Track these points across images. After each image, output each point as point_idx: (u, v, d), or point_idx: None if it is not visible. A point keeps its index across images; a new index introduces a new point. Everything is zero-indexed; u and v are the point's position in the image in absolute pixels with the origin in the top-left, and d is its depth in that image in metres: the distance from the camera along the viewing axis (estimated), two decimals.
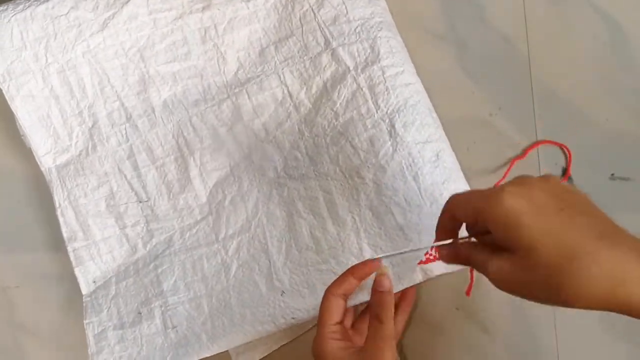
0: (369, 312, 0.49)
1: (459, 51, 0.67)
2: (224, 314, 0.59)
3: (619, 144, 0.65)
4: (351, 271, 0.50)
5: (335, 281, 0.50)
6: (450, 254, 0.47)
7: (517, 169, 0.64)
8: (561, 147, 0.65)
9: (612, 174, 0.64)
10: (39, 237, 0.69)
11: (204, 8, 0.65)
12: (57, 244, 0.68)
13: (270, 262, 0.59)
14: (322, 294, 0.55)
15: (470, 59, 0.67)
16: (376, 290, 0.49)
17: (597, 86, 0.66)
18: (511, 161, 0.65)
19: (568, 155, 0.64)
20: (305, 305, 0.56)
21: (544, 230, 0.37)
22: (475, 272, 0.61)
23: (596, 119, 0.65)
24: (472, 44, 0.68)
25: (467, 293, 0.61)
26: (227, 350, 0.61)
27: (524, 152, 0.65)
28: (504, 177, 0.64)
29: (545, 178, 0.40)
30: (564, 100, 0.66)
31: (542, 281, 0.37)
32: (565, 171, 0.64)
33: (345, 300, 0.50)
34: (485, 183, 0.63)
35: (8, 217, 0.70)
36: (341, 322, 0.50)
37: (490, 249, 0.41)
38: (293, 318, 0.56)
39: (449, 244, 0.45)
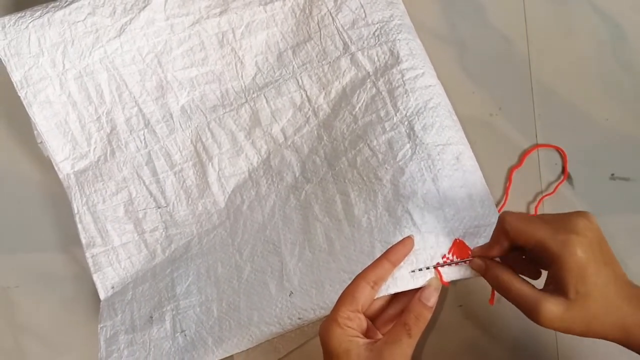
0: (400, 317, 0.45)
1: (459, 51, 0.68)
2: (232, 317, 0.58)
3: (619, 144, 0.65)
4: (386, 255, 0.47)
5: (367, 267, 0.46)
6: (481, 267, 0.48)
7: (519, 172, 0.65)
8: (556, 149, 0.65)
9: (612, 174, 0.64)
10: (39, 237, 0.69)
11: (221, 12, 0.64)
12: (57, 244, 0.68)
13: (282, 264, 0.58)
14: (330, 293, 0.54)
15: (470, 59, 0.68)
16: (419, 300, 0.45)
17: (597, 86, 0.66)
18: (510, 170, 0.65)
19: (564, 156, 0.64)
20: (312, 305, 0.54)
21: (599, 283, 0.43)
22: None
23: (596, 119, 0.65)
24: (472, 44, 0.68)
25: (491, 302, 0.60)
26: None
27: (520, 160, 0.65)
28: (508, 187, 0.65)
29: (589, 221, 0.44)
30: (564, 100, 0.66)
31: (585, 322, 0.43)
32: (563, 171, 0.65)
33: (376, 290, 0.46)
34: (486, 183, 0.63)
35: (9, 217, 0.70)
36: (363, 312, 0.46)
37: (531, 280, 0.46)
38: (299, 318, 0.54)
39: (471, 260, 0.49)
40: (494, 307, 0.62)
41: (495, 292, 0.50)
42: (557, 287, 0.43)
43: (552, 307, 0.43)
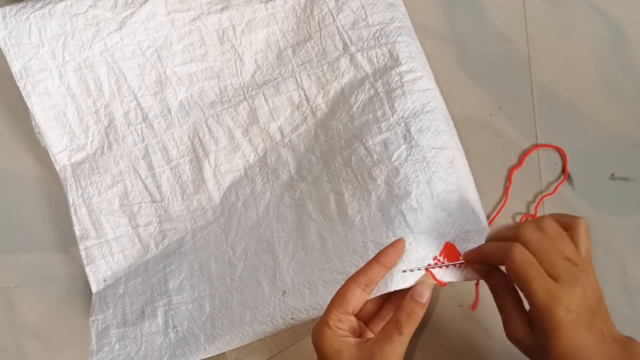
0: (393, 315, 0.45)
1: (459, 51, 0.68)
2: (224, 314, 0.58)
3: (619, 144, 0.65)
4: (377, 258, 0.47)
5: (359, 269, 0.46)
6: (483, 272, 0.49)
7: (519, 172, 0.65)
8: (556, 149, 0.65)
9: (612, 174, 0.64)
10: (39, 237, 0.69)
11: (222, 9, 0.65)
12: (57, 244, 0.68)
13: (275, 262, 0.58)
14: (324, 294, 0.54)
15: (470, 59, 0.68)
16: (411, 296, 0.45)
17: (597, 86, 0.66)
18: (510, 170, 0.65)
19: (564, 156, 0.64)
20: (305, 306, 0.54)
21: (573, 346, 0.43)
22: (479, 287, 0.61)
23: (596, 119, 0.66)
24: (472, 44, 0.68)
25: (473, 308, 0.61)
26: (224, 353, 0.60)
27: (520, 160, 0.65)
28: (508, 187, 0.65)
29: (592, 278, 0.45)
30: (563, 100, 0.66)
31: None
32: (563, 171, 0.65)
33: (368, 292, 0.46)
34: (486, 183, 0.63)
35: (8, 217, 0.69)
36: (355, 314, 0.46)
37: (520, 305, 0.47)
38: (292, 318, 0.54)
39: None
40: (493, 307, 0.62)
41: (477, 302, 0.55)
42: (533, 327, 0.45)
43: (520, 332, 0.45)
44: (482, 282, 0.51)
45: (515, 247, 0.44)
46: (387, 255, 0.47)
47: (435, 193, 0.53)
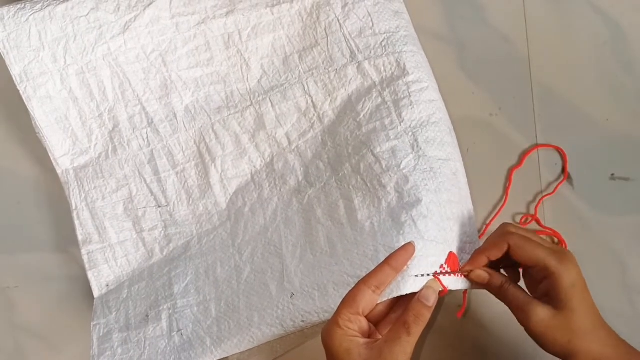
0: (400, 317, 0.46)
1: (459, 52, 0.68)
2: (231, 318, 0.58)
3: (619, 144, 0.65)
4: (388, 261, 0.47)
5: (370, 272, 0.47)
6: (482, 277, 0.51)
7: (519, 172, 0.65)
8: (556, 149, 0.65)
9: (612, 174, 0.64)
10: (39, 237, 0.69)
11: (227, 13, 0.64)
12: (57, 244, 0.68)
13: (283, 265, 0.58)
14: (333, 296, 0.54)
15: (470, 59, 0.68)
16: (418, 299, 0.46)
17: (597, 86, 0.66)
18: (510, 170, 0.66)
19: (564, 156, 0.65)
20: (315, 308, 0.54)
21: (586, 303, 0.48)
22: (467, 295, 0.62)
23: (596, 119, 0.66)
24: (472, 44, 0.68)
25: (459, 315, 0.61)
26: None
27: (520, 161, 0.66)
28: (508, 187, 0.65)
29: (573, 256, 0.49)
30: (563, 100, 0.66)
31: (568, 334, 0.47)
32: (563, 171, 0.65)
33: (378, 294, 0.47)
34: (486, 183, 0.64)
35: (8, 217, 0.69)
36: (365, 315, 0.47)
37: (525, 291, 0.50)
38: (302, 321, 0.54)
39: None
40: (493, 307, 0.62)
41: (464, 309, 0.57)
42: (549, 299, 0.48)
43: (540, 311, 0.47)
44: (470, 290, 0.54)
45: (511, 230, 0.50)
46: (398, 258, 0.48)
47: (442, 203, 0.54)
